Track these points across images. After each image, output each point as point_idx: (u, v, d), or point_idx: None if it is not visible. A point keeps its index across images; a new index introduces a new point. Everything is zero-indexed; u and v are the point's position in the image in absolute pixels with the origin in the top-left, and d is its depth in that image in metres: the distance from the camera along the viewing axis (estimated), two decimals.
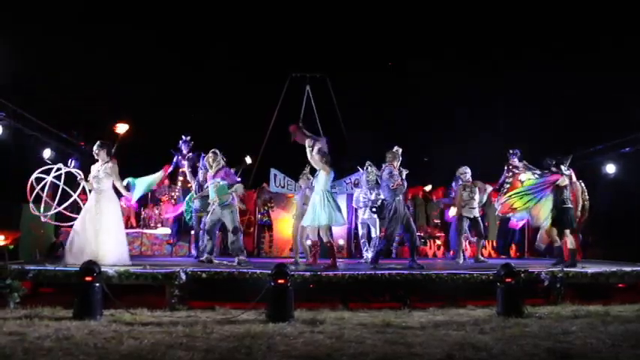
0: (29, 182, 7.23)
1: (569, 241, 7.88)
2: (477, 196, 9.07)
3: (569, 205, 8.02)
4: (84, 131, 11.00)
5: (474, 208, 9.06)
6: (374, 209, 8.32)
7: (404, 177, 7.78)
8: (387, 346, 4.22)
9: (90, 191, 7.28)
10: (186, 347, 4.08)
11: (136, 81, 12.77)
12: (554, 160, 8.29)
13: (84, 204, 7.36)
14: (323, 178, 7.51)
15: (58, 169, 7.45)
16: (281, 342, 4.28)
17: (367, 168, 9.07)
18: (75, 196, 7.52)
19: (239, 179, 8.51)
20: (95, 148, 7.29)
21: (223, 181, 7.70)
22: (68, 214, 7.67)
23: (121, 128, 7.72)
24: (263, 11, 14.09)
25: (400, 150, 7.87)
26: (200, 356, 3.85)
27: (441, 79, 14.08)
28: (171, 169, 10.03)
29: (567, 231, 7.93)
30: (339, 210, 7.59)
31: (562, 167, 8.17)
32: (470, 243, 10.21)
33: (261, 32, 14.15)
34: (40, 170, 7.40)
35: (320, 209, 7.40)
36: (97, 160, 7.27)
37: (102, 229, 6.97)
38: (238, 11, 14.15)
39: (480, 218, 9.16)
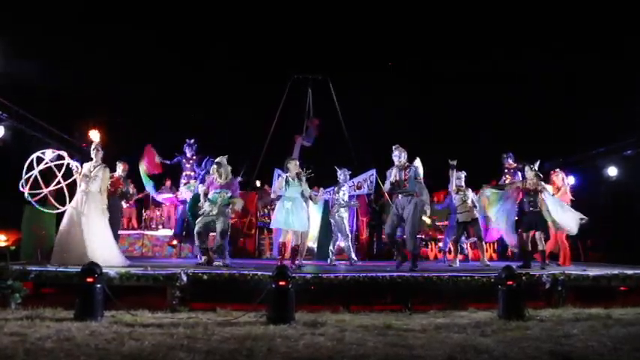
0: (28, 161, 7.20)
1: (540, 243, 8.20)
2: (469, 201, 9.09)
3: (536, 209, 8.27)
4: (85, 132, 11.01)
5: (467, 212, 9.09)
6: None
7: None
8: (388, 348, 4.21)
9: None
10: (187, 349, 4.07)
11: (136, 81, 12.78)
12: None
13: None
14: (305, 183, 7.85)
15: (60, 157, 7.40)
16: (282, 344, 4.28)
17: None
18: (63, 184, 7.41)
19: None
20: (94, 147, 7.30)
21: (229, 194, 7.74)
22: (54, 202, 7.57)
23: (94, 135, 7.71)
24: (263, 12, 14.10)
25: (394, 147, 7.83)
26: (201, 358, 3.84)
27: (442, 79, 14.11)
28: (170, 162, 10.09)
29: (537, 233, 8.20)
30: None
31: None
32: (474, 247, 10.24)
33: (262, 33, 14.17)
34: (41, 152, 7.37)
35: (305, 214, 7.80)
36: (90, 160, 7.30)
37: (89, 230, 6.97)
38: (238, 11, 14.17)
39: (476, 221, 9.18)
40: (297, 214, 7.68)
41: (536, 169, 8.40)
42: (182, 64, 14.08)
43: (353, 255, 9.35)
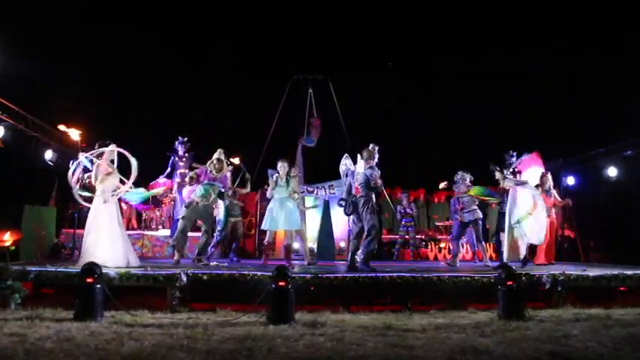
0: (78, 165, 7.15)
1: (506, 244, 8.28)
2: (475, 202, 9.10)
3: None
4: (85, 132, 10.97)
5: (472, 212, 9.11)
6: (344, 206, 8.11)
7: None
8: (388, 348, 4.21)
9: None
10: (186, 349, 4.07)
11: (136, 81, 12.78)
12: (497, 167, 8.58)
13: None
14: (296, 183, 8.10)
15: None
16: (282, 344, 4.28)
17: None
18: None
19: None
20: (100, 148, 7.31)
21: (221, 187, 7.94)
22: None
23: (74, 134, 7.68)
24: (263, 12, 14.09)
25: (377, 147, 7.83)
26: (201, 358, 3.85)
27: (442, 79, 14.11)
28: (168, 171, 10.02)
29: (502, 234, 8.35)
30: None
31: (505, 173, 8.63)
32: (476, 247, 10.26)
33: (262, 33, 14.16)
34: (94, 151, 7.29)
35: (295, 213, 8.03)
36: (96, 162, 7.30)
37: (103, 231, 6.99)
38: (238, 11, 14.17)
39: (479, 221, 9.20)
40: (285, 214, 7.81)
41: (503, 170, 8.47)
42: (182, 64, 14.08)
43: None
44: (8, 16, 10.55)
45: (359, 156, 7.77)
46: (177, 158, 10.34)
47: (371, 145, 7.80)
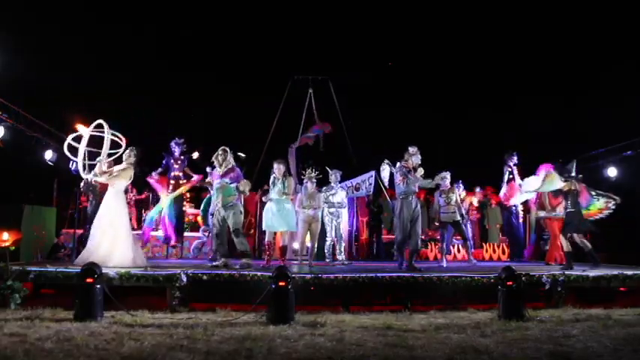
0: None
1: (565, 245, 8.05)
2: (452, 202, 9.15)
3: (574, 209, 8.13)
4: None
5: (451, 213, 9.14)
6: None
7: (418, 176, 7.62)
8: (388, 348, 4.22)
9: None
10: (186, 349, 4.08)
11: (136, 81, 12.80)
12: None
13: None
14: (288, 184, 7.99)
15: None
16: (282, 345, 4.28)
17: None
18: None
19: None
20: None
21: (232, 183, 7.50)
22: None
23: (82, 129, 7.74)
24: (264, 12, 14.11)
25: (415, 149, 7.78)
26: (201, 358, 3.85)
27: (441, 79, 14.11)
28: (159, 170, 9.98)
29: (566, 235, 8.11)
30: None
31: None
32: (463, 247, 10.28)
33: (262, 33, 14.17)
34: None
35: (291, 214, 7.99)
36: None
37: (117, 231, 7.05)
38: (238, 12, 14.18)
39: (460, 222, 9.23)
40: (282, 215, 7.80)
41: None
42: (183, 65, 14.09)
43: (342, 256, 9.29)
44: (8, 17, 10.56)
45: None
46: (172, 160, 10.10)
47: (410, 149, 7.75)
